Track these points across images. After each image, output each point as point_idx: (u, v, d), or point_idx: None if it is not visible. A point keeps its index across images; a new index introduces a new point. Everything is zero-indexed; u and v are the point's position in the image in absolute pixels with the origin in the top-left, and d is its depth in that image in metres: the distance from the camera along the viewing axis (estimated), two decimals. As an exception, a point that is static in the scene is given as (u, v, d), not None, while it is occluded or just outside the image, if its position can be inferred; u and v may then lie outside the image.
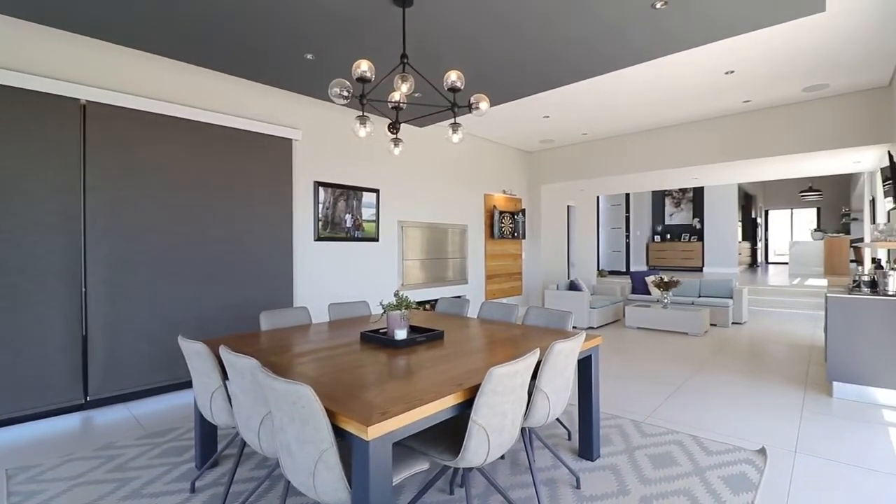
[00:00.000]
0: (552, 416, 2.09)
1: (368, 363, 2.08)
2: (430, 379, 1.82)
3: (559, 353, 1.99)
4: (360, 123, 2.43)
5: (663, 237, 14.04)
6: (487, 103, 2.44)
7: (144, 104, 3.65)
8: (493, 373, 1.58)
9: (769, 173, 7.45)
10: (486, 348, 2.38)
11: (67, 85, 3.31)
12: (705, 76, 4.61)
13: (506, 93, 4.63)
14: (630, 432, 2.98)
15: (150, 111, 3.70)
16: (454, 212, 6.66)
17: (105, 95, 3.47)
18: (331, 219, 4.93)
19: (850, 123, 5.19)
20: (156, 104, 3.71)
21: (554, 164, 7.87)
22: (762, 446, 2.71)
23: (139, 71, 3.68)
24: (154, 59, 3.75)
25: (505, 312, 3.26)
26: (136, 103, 3.61)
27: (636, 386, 3.93)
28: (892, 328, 3.29)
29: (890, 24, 3.51)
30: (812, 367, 4.44)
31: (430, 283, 6.22)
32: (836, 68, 4.41)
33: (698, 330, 6.08)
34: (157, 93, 3.77)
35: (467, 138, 6.90)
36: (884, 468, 2.44)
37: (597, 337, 2.57)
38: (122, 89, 3.59)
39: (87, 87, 3.40)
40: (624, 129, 6.68)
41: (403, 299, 2.50)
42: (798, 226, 16.92)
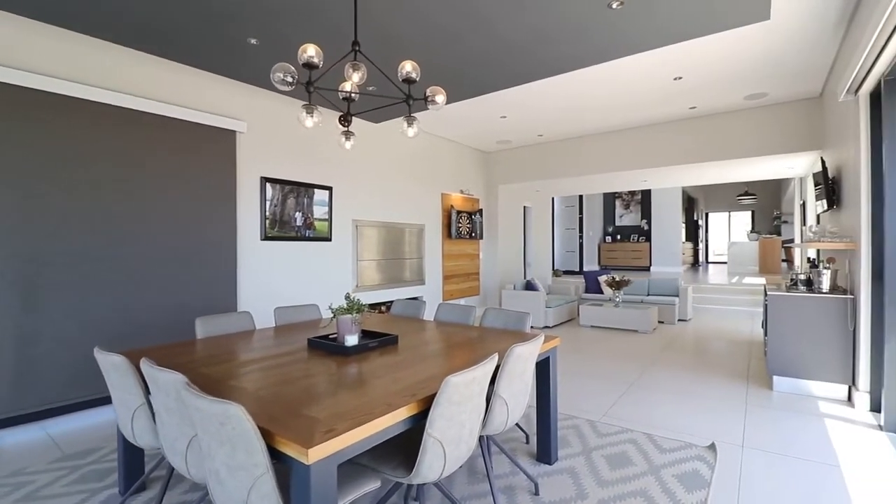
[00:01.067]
0: (511, 422, 2.01)
1: (315, 373, 1.91)
2: (382, 389, 1.68)
3: (518, 356, 1.91)
4: (306, 113, 2.25)
5: (614, 238, 14.54)
6: (444, 96, 2.34)
7: (62, 87, 3.26)
8: (448, 382, 1.47)
9: (711, 177, 7.84)
10: (443, 353, 2.27)
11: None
12: (656, 81, 4.74)
13: (463, 89, 4.55)
14: (586, 433, 2.97)
15: (71, 95, 3.30)
16: (411, 211, 6.52)
17: (10, 75, 3.05)
18: (279, 217, 4.65)
19: (785, 131, 5.52)
20: (76, 87, 3.32)
21: (511, 165, 7.91)
22: (712, 442, 2.77)
23: (55, 50, 3.28)
24: (71, 36, 3.36)
25: (462, 314, 3.17)
26: (51, 85, 3.21)
27: (591, 384, 3.96)
28: (826, 324, 3.49)
29: (824, 37, 3.73)
30: (753, 361, 4.67)
31: (387, 285, 6.05)
32: (775, 78, 4.66)
33: (648, 327, 6.28)
34: (79, 75, 3.38)
35: (424, 136, 6.78)
36: (824, 460, 2.54)
37: (555, 338, 2.52)
38: (35, 69, 3.18)
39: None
40: (578, 131, 6.80)
41: (355, 302, 2.35)
42: (735, 228, 18.09)
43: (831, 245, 3.62)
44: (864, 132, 3.17)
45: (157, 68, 3.80)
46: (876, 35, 2.50)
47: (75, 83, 3.32)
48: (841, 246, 3.54)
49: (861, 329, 3.23)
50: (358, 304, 2.34)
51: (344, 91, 2.51)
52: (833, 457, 2.56)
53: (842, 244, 3.53)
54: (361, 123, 5.64)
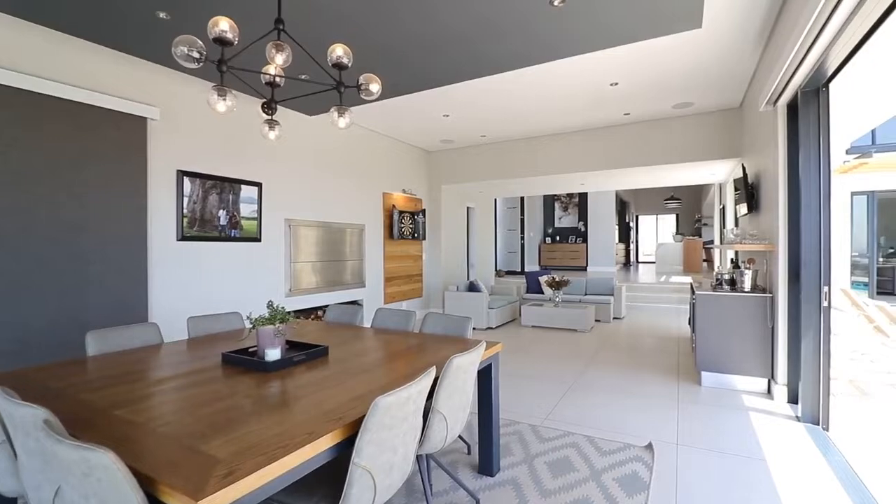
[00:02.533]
0: (451, 438, 1.86)
1: (226, 395, 1.65)
2: (305, 412, 1.47)
3: (458, 368, 1.77)
4: (217, 95, 1.96)
5: (553, 239, 14.98)
6: (378, 85, 2.15)
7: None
8: (378, 405, 1.29)
9: (643, 182, 8.23)
10: (378, 365, 2.08)
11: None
12: (594, 86, 4.83)
13: (403, 83, 4.37)
14: (529, 439, 2.90)
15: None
16: (351, 210, 6.22)
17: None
18: (199, 215, 4.21)
19: (709, 139, 5.86)
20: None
21: (454, 165, 7.83)
22: (649, 442, 2.80)
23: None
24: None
25: (401, 320, 2.99)
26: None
27: (533, 387, 3.93)
28: (747, 321, 3.69)
29: (745, 51, 3.95)
30: (681, 357, 4.89)
31: (325, 288, 5.72)
32: (700, 88, 4.92)
33: (586, 326, 6.43)
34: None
35: (365, 133, 6.51)
36: (752, 454, 2.64)
37: (496, 344, 2.42)
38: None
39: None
40: (521, 133, 6.84)
41: (278, 311, 2.09)
42: (662, 230, 19.34)
43: (751, 247, 3.84)
44: (781, 141, 3.37)
45: (48, 42, 3.27)
46: (795, 50, 2.63)
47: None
48: (760, 248, 3.77)
49: (779, 326, 3.43)
50: (282, 312, 2.09)
51: (268, 74, 2.25)
52: (759, 451, 2.66)
53: (761, 246, 3.76)
54: (294, 116, 5.28)
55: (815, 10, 2.22)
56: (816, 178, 3.03)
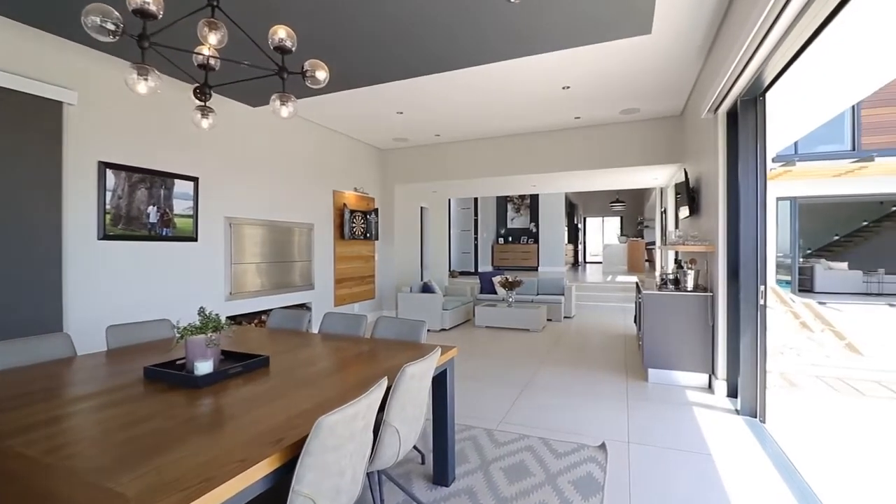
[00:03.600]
0: (404, 451, 1.75)
1: (145, 417, 1.44)
2: (238, 435, 1.30)
3: (412, 376, 1.66)
4: (137, 75, 1.73)
5: (506, 239, 15.19)
6: (325, 73, 1.99)
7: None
8: (321, 425, 1.15)
9: (592, 185, 8.48)
10: (325, 376, 1.93)
11: None
12: (547, 89, 4.87)
13: (352, 76, 4.19)
14: (484, 444, 2.83)
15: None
16: (299, 209, 5.92)
17: None
18: (125, 211, 3.81)
19: (653, 145, 6.11)
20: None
21: (408, 164, 7.68)
22: (602, 442, 2.81)
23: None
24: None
25: (351, 324, 2.83)
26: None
27: (488, 389, 3.89)
28: (690, 319, 3.84)
29: (688, 61, 4.11)
30: (628, 354, 5.04)
31: (271, 290, 5.40)
32: (646, 95, 5.10)
33: (538, 326, 6.51)
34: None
35: (315, 128, 6.22)
36: (698, 449, 2.72)
37: (452, 349, 2.33)
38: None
39: None
40: (474, 134, 6.82)
41: (211, 318, 1.89)
42: (607, 231, 20.18)
43: (693, 248, 4.00)
44: (721, 147, 3.53)
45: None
46: (736, 61, 2.75)
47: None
48: (701, 249, 3.93)
49: (719, 323, 3.59)
50: (215, 319, 1.89)
51: (200, 54, 2.03)
52: (705, 446, 2.75)
53: (702, 247, 3.92)
54: (237, 107, 4.94)
55: (756, 25, 2.32)
56: (753, 182, 3.19)
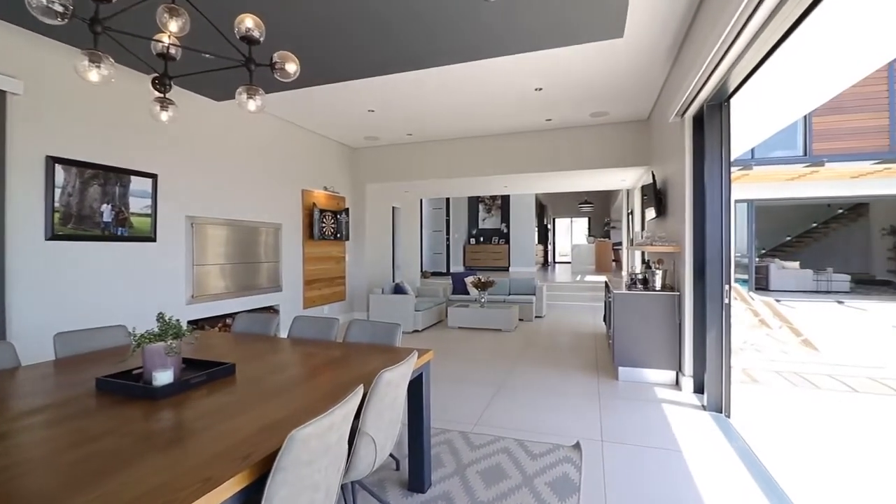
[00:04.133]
0: (380, 460, 1.69)
1: (97, 434, 1.32)
2: (202, 451, 1.21)
3: (388, 383, 1.60)
4: (89, 61, 1.59)
5: (478, 240, 15.24)
6: (296, 65, 1.90)
7: None
8: (294, 438, 1.08)
9: (562, 186, 8.60)
10: (296, 384, 1.84)
11: None
12: (519, 90, 4.89)
13: (323, 71, 4.08)
14: (460, 447, 2.80)
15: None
16: (266, 208, 5.72)
17: None
18: (77, 210, 3.57)
19: (621, 147, 6.25)
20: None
21: (379, 163, 7.57)
22: (577, 441, 2.83)
23: None
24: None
25: (323, 328, 2.73)
26: None
27: (462, 391, 3.86)
28: (659, 318, 3.93)
29: (656, 67, 4.22)
30: (599, 353, 5.12)
31: (236, 293, 5.19)
32: (616, 99, 5.20)
33: (510, 326, 6.55)
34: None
35: (283, 125, 6.03)
36: (668, 445, 2.77)
37: (428, 352, 2.27)
38: None
39: None
40: (447, 133, 6.79)
41: (171, 324, 1.77)
42: (576, 232, 20.59)
43: (660, 248, 4.10)
44: (688, 150, 3.63)
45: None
46: (703, 67, 2.83)
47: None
48: (669, 249, 4.04)
49: (686, 322, 3.69)
50: (175, 325, 1.77)
51: (160, 42, 1.90)
52: (675, 442, 2.81)
53: (669, 247, 4.03)
54: (200, 101, 4.72)
55: (723, 34, 2.39)
56: (718, 185, 3.29)
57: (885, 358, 4.11)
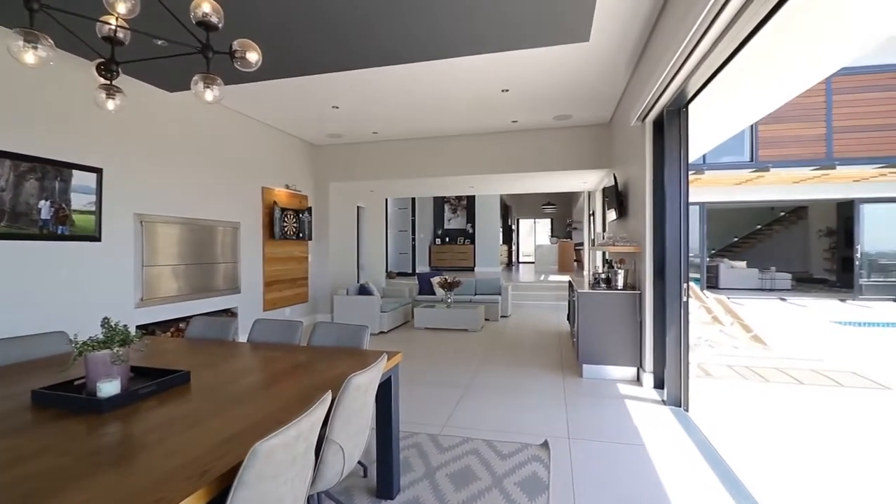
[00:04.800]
0: (348, 468, 1.62)
1: (33, 452, 1.19)
2: (152, 469, 1.11)
3: (357, 388, 1.54)
4: (24, 41, 1.44)
5: (443, 240, 15.23)
6: (258, 54, 1.80)
7: None
8: (257, 452, 1.01)
9: (526, 187, 8.73)
10: (257, 392, 1.74)
11: None
12: (486, 91, 4.91)
13: (286, 64, 3.93)
14: (429, 450, 2.76)
15: None
16: (224, 206, 5.46)
17: None
18: (10, 206, 3.26)
19: (584, 150, 6.39)
20: None
21: (344, 162, 7.41)
22: (545, 440, 2.85)
23: None
24: None
25: (285, 331, 2.62)
26: None
27: (430, 392, 3.82)
28: (621, 316, 4.03)
29: (617, 72, 4.33)
30: (563, 351, 5.22)
31: (191, 295, 4.92)
32: (579, 102, 5.31)
33: (477, 326, 6.57)
34: None
35: (241, 119, 5.78)
36: (632, 440, 2.84)
37: (397, 354, 2.22)
38: None
39: None
40: (414, 133, 6.73)
41: (118, 330, 1.63)
42: (539, 232, 20.99)
43: (622, 248, 4.22)
44: (648, 153, 3.75)
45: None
46: (664, 75, 2.92)
47: None
48: (630, 249, 4.16)
49: (646, 319, 3.81)
50: (123, 332, 1.63)
51: (107, 24, 1.75)
52: (638, 437, 2.88)
53: (630, 248, 4.15)
54: (152, 91, 4.44)
55: (683, 42, 2.48)
56: (677, 187, 3.42)
57: (824, 351, 4.41)
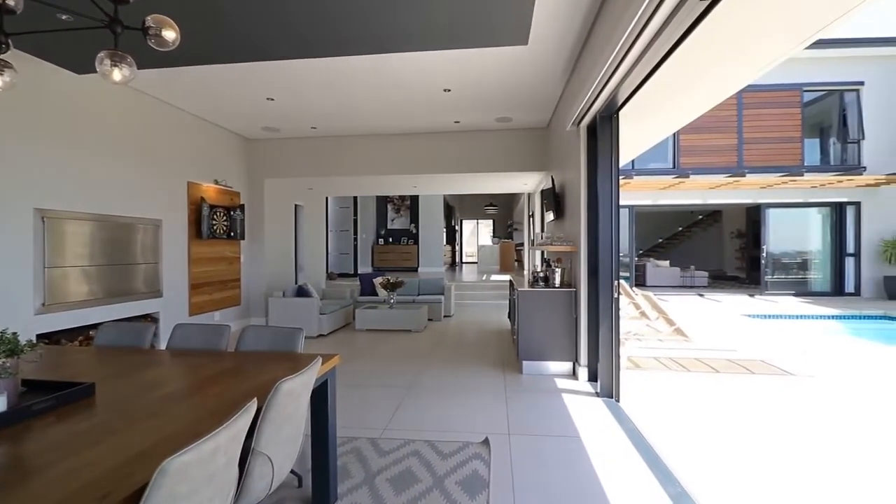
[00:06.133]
0: (278, 481, 1.52)
1: None
2: (47, 494, 0.97)
3: (288, 394, 1.45)
4: None
5: (386, 240, 15.05)
6: (175, 33, 1.64)
7: None
8: (167, 470, 0.91)
9: (469, 188, 8.83)
10: (175, 403, 1.59)
11: None
12: (429, 90, 4.89)
13: (212, 48, 3.67)
14: (368, 455, 2.68)
15: None
16: (143, 202, 5.00)
17: None
18: None
19: (523, 153, 6.57)
20: None
21: (280, 157, 7.07)
22: (486, 437, 2.88)
23: None
24: None
25: (210, 336, 2.43)
26: None
27: (370, 395, 3.73)
28: (558, 313, 4.17)
29: (555, 78, 4.49)
30: (504, 349, 5.32)
31: (104, 300, 4.45)
32: (519, 105, 5.45)
33: (420, 326, 6.53)
34: None
35: (164, 108, 5.32)
36: (568, 433, 2.94)
37: (333, 356, 2.13)
38: None
39: None
40: (354, 129, 6.56)
41: (4, 339, 1.42)
42: (481, 233, 21.37)
43: (559, 248, 4.38)
44: (583, 157, 3.91)
45: None
46: (596, 82, 3.06)
47: None
48: (566, 249, 4.32)
49: (581, 316, 3.97)
50: (10, 341, 1.42)
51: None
52: (574, 428, 2.98)
53: (567, 247, 4.31)
54: (56, 72, 3.97)
55: (614, 51, 2.60)
56: (609, 190, 3.59)
57: (737, 342, 4.84)
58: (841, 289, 9.70)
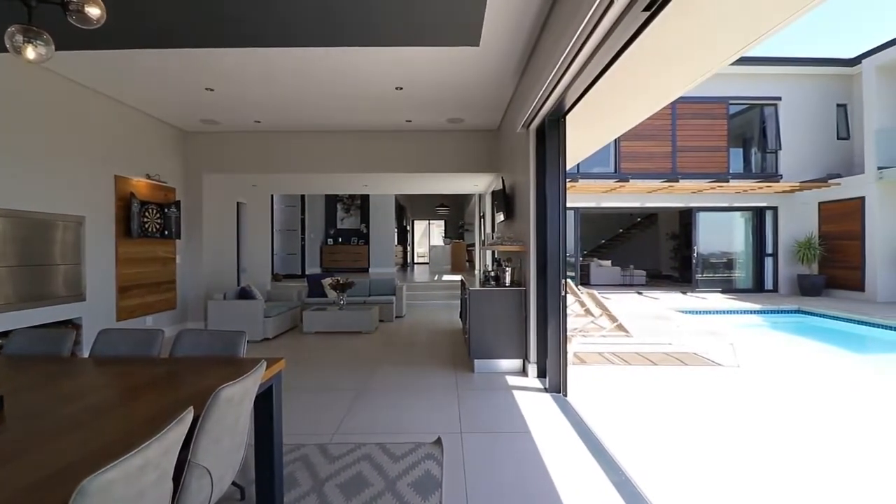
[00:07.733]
0: (218, 494, 1.43)
1: None
2: (-74, 529, 0.84)
3: (228, 401, 1.36)
4: None
5: (336, 240, 14.69)
6: (100, 10, 1.50)
7: None
8: (86, 490, 0.81)
9: (420, 188, 8.80)
10: (99, 415, 1.45)
11: None
12: (380, 87, 4.82)
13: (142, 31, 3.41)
14: (316, 461, 2.59)
15: None
16: (63, 197, 4.54)
17: None
18: None
19: (474, 154, 6.64)
20: None
21: (220, 151, 6.69)
22: (438, 437, 2.86)
23: None
24: None
25: (140, 342, 2.24)
26: None
27: (318, 399, 3.61)
28: (509, 311, 4.25)
29: (505, 81, 4.56)
30: (456, 348, 5.34)
31: (16, 305, 4.00)
32: (470, 107, 5.50)
33: (371, 327, 6.42)
34: None
35: (89, 95, 4.87)
36: (519, 428, 2.99)
37: (278, 360, 2.04)
38: None
39: None
40: (302, 125, 6.34)
41: None
42: (433, 233, 21.40)
43: (509, 248, 4.46)
44: (532, 159, 4.01)
45: None
46: (544, 87, 3.14)
47: None
48: (516, 248, 4.41)
49: (531, 314, 4.07)
50: None
51: None
52: (524, 424, 3.05)
53: (516, 247, 4.40)
54: (-48, 50, 3.51)
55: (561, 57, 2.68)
56: (556, 191, 3.71)
57: (671, 336, 5.16)
58: (762, 286, 10.63)
